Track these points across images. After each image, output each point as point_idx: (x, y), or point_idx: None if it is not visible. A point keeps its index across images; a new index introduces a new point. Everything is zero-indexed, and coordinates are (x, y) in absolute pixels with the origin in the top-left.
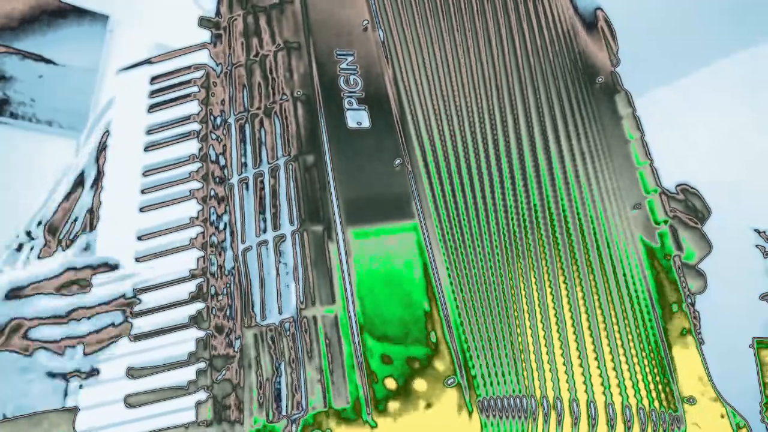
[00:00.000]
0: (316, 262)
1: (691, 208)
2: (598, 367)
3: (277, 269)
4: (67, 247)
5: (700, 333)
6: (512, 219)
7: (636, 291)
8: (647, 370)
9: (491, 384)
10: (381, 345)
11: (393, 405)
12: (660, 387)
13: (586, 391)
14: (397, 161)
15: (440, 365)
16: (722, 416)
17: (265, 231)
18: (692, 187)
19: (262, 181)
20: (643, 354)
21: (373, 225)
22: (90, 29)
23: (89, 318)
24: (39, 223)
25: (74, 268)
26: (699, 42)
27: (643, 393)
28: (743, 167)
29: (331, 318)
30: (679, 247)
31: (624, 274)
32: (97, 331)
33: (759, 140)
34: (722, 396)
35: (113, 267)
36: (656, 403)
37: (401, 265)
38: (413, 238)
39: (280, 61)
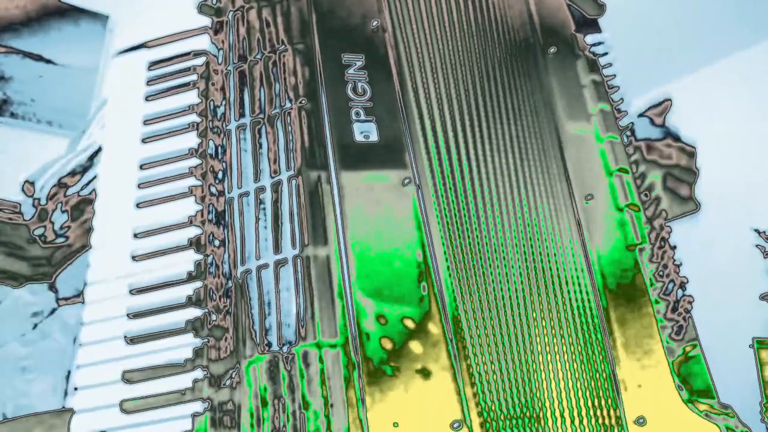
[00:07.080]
0: (319, 291)
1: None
2: (555, 398)
3: (278, 295)
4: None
5: (683, 330)
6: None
7: (580, 307)
8: (588, 394)
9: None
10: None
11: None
12: (599, 412)
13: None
14: (406, 179)
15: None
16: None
17: (266, 252)
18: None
19: (262, 197)
20: (587, 378)
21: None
22: (90, 29)
23: None
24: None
25: None
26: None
27: (577, 422)
28: (743, 167)
29: (334, 353)
30: (643, 235)
31: (566, 282)
32: None
33: (759, 140)
34: (707, 410)
35: None
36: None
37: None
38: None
39: (285, 64)
